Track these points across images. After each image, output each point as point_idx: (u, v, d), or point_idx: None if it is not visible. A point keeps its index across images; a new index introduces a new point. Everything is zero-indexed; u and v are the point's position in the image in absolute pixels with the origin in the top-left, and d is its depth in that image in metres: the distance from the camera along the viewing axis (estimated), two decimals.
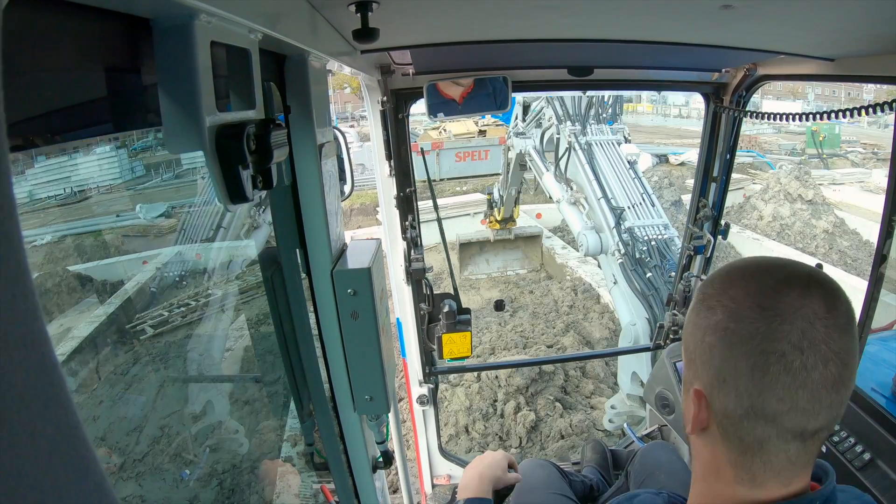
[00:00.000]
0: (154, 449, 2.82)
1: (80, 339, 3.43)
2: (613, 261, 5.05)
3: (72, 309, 3.91)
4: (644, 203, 5.38)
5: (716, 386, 0.80)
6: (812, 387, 0.74)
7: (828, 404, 0.75)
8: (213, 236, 4.35)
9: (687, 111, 35.29)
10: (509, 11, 1.48)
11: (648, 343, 4.15)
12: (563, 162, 6.13)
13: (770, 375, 0.75)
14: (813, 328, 0.74)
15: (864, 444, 2.16)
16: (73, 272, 4.39)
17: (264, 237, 3.06)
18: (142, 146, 5.58)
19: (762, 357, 0.75)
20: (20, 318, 0.29)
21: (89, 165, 5.17)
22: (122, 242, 4.95)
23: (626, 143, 6.15)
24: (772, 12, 1.41)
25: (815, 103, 33.57)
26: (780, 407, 0.75)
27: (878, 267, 2.25)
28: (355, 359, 1.67)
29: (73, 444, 0.32)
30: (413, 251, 2.95)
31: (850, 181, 20.04)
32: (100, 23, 0.66)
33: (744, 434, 0.79)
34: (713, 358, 0.80)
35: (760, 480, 0.82)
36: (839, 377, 0.75)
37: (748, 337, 0.76)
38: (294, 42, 1.15)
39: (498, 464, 1.96)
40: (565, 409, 7.21)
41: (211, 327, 3.83)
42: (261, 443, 3.01)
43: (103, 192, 5.05)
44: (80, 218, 5.02)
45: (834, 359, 0.74)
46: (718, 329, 0.79)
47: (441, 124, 20.50)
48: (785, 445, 0.78)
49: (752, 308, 0.77)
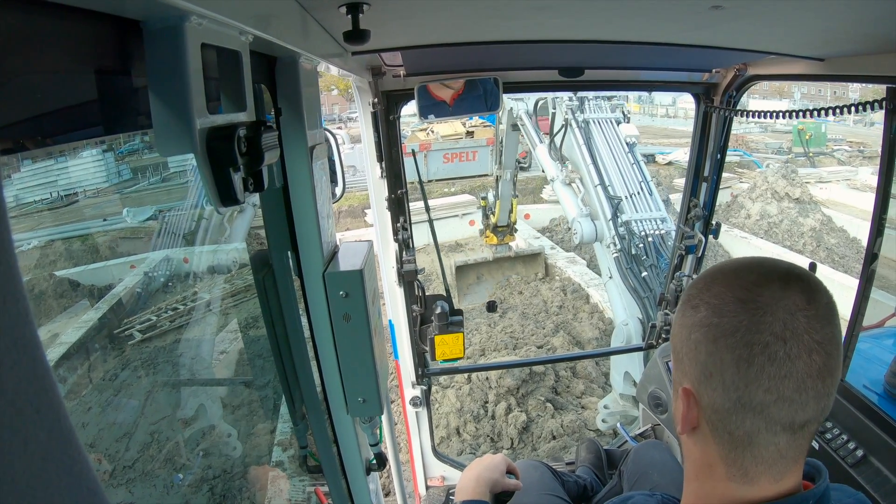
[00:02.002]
0: (146, 454, 2.80)
1: (71, 344, 3.40)
2: (609, 253, 4.96)
3: (61, 314, 3.87)
4: (642, 192, 5.22)
5: (703, 381, 0.82)
6: (797, 376, 0.75)
7: (814, 394, 0.77)
8: (203, 238, 4.32)
9: (674, 111, 35.30)
10: (500, 13, 1.48)
11: (641, 343, 4.17)
12: (559, 138, 5.83)
13: (755, 366, 0.76)
14: (794, 319, 0.76)
15: (856, 440, 2.17)
16: (60, 276, 4.35)
17: (249, 219, 3.05)
18: (128, 149, 5.55)
19: (746, 349, 0.76)
20: (11, 323, 0.28)
21: (76, 169, 5.12)
22: (110, 246, 4.91)
23: (626, 122, 5.82)
24: (761, 13, 1.42)
25: (802, 102, 33.80)
26: (767, 397, 0.76)
27: (868, 265, 2.27)
28: (348, 361, 1.66)
29: (65, 450, 0.32)
30: (405, 253, 2.95)
31: (836, 179, 20.20)
32: (90, 25, 0.65)
33: (733, 428, 0.81)
34: (699, 354, 0.81)
35: (752, 475, 0.82)
36: (824, 366, 0.76)
37: (732, 330, 0.78)
38: (285, 44, 1.15)
39: (496, 466, 1.95)
40: (556, 409, 7.22)
41: (202, 331, 3.80)
42: (254, 446, 2.99)
43: (90, 196, 5.01)
44: (66, 222, 4.98)
45: (817, 348, 0.76)
46: (703, 325, 0.81)
47: (428, 125, 20.31)
48: (774, 438, 0.79)
49: (734, 302, 0.79)
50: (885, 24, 1.44)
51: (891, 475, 2.04)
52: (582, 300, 10.99)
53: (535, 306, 11.15)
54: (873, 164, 19.90)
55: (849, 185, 19.55)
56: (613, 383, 5.01)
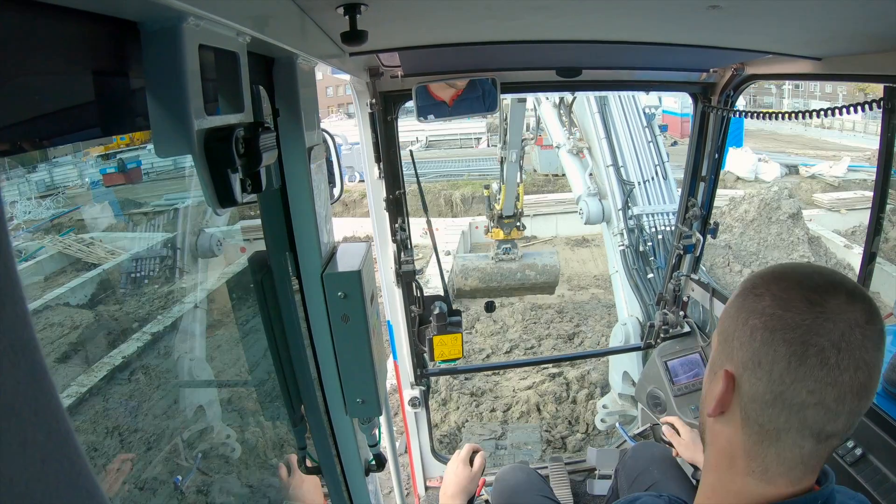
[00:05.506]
0: (144, 455, 2.80)
1: (70, 346, 3.40)
2: (615, 243, 4.81)
3: (62, 313, 3.87)
4: (657, 177, 4.90)
5: (750, 368, 0.83)
6: (841, 387, 0.77)
7: (849, 409, 0.78)
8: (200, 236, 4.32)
9: (829, 122, 32.86)
10: (498, 13, 1.48)
11: (639, 342, 4.17)
12: (569, 98, 5.36)
13: (806, 366, 0.77)
14: (852, 333, 0.77)
15: (855, 439, 2.18)
16: (62, 276, 4.35)
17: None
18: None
19: (802, 347, 0.78)
20: (9, 325, 0.28)
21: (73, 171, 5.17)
22: (110, 243, 4.92)
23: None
24: (759, 12, 1.42)
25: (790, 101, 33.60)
26: (809, 399, 0.78)
27: (867, 265, 2.28)
28: (346, 362, 1.66)
29: (64, 452, 0.32)
30: (403, 253, 2.95)
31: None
32: (87, 26, 0.65)
33: (765, 421, 0.82)
34: (753, 340, 0.82)
35: (772, 474, 0.84)
36: (865, 385, 0.78)
37: (793, 326, 0.79)
38: (282, 45, 1.15)
39: (460, 477, 2.04)
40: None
41: (200, 331, 3.80)
42: (252, 447, 2.99)
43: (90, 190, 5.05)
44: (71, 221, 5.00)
45: (864, 367, 0.77)
46: (765, 313, 0.82)
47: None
48: (801, 441, 0.81)
49: (800, 300, 0.80)
50: (883, 23, 1.44)
51: (890, 473, 2.04)
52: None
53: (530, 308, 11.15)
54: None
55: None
56: (612, 383, 5.00)
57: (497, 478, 2.59)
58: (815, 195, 18.24)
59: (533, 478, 2.49)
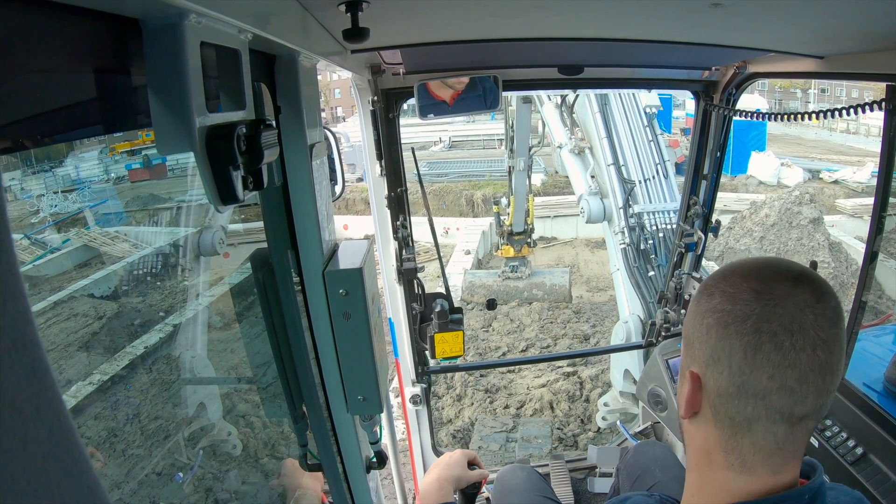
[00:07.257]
0: (147, 453, 2.81)
1: (73, 343, 3.40)
2: (616, 241, 4.84)
3: (65, 312, 3.88)
4: (657, 176, 4.99)
5: (710, 365, 0.85)
6: (800, 368, 0.78)
7: (815, 388, 0.79)
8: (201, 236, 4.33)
9: (855, 127, 32.45)
10: (500, 11, 1.48)
11: (641, 340, 4.16)
12: (571, 97, 5.42)
13: (762, 353, 0.79)
14: (803, 314, 0.79)
15: (856, 438, 2.18)
16: (64, 274, 4.36)
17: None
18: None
19: (755, 336, 0.80)
20: (11, 323, 0.28)
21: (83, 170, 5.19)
22: (112, 243, 4.92)
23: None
24: (761, 10, 1.42)
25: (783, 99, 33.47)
26: (770, 384, 0.79)
27: (868, 264, 2.27)
28: (348, 359, 1.66)
29: (65, 449, 0.32)
30: (405, 251, 2.95)
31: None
32: (89, 24, 0.65)
33: (734, 413, 0.83)
34: (710, 338, 0.84)
35: (750, 464, 0.85)
36: (826, 363, 0.79)
37: (743, 317, 0.81)
38: (284, 42, 1.15)
39: (456, 462, 1.97)
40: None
41: (202, 329, 3.81)
42: (254, 444, 3.00)
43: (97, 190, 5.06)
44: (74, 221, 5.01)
45: (821, 345, 0.79)
46: (716, 311, 0.84)
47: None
48: (773, 427, 0.82)
49: (747, 292, 0.82)
50: (885, 22, 1.44)
51: (890, 473, 2.04)
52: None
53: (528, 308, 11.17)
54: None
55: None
56: (613, 381, 5.01)
57: (497, 477, 2.59)
58: (838, 201, 18.19)
59: (533, 477, 2.49)
